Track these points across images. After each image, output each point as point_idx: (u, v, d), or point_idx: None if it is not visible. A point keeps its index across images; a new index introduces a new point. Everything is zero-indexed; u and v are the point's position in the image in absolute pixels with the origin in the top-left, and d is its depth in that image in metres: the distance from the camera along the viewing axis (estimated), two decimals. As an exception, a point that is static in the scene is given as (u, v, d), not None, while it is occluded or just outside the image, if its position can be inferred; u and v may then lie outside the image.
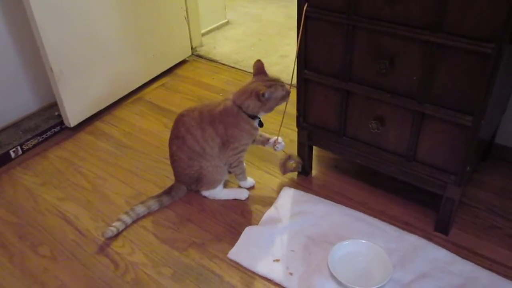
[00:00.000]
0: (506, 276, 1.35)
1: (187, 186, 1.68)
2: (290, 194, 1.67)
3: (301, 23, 1.41)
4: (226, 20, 3.14)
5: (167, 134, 1.64)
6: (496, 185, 1.68)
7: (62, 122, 2.09)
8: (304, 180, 1.76)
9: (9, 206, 1.71)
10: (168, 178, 1.78)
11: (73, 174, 1.85)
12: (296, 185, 1.73)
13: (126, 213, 1.58)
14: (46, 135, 2.06)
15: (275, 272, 1.39)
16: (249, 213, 1.63)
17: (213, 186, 1.64)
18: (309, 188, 1.72)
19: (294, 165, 1.68)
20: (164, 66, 2.54)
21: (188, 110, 1.60)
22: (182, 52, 2.64)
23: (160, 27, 2.42)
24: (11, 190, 1.79)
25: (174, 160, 1.63)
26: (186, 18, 2.57)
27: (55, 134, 2.09)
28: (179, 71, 2.59)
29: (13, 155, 1.95)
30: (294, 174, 1.78)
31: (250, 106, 1.51)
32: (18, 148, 1.96)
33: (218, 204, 1.67)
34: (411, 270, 1.37)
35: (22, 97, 2.13)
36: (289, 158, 1.67)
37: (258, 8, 3.42)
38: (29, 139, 1.99)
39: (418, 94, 1.30)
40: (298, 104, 1.59)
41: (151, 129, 2.10)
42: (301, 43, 1.46)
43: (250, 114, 1.53)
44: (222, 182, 1.67)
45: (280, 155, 1.71)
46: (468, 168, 1.33)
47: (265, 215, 1.60)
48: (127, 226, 1.58)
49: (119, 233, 1.55)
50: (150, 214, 1.63)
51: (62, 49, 1.93)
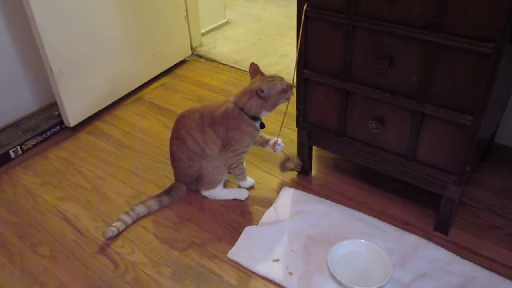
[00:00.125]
0: (505, 275, 1.35)
1: (187, 186, 1.68)
2: (290, 194, 1.67)
3: (301, 23, 1.42)
4: (226, 20, 3.14)
5: (167, 134, 1.64)
6: (496, 185, 1.68)
7: (62, 122, 2.09)
8: (304, 180, 1.76)
9: (9, 206, 1.71)
10: (168, 178, 1.78)
11: (73, 174, 1.85)
12: (296, 185, 1.73)
13: (126, 213, 1.59)
14: (46, 135, 2.06)
15: (275, 272, 1.39)
16: (249, 213, 1.63)
17: (213, 186, 1.64)
18: (309, 188, 1.72)
19: (293, 166, 1.68)
20: (164, 66, 2.54)
21: (188, 111, 1.60)
22: (182, 52, 2.64)
23: (160, 27, 2.41)
24: (11, 190, 1.79)
25: (174, 159, 1.63)
26: (186, 18, 2.57)
27: (55, 134, 2.09)
28: (179, 71, 2.59)
29: (13, 155, 1.95)
30: (294, 174, 1.78)
31: (252, 106, 1.51)
32: (18, 148, 1.96)
33: (218, 204, 1.67)
34: (411, 270, 1.37)
35: (22, 97, 2.13)
36: (288, 159, 1.67)
37: (258, 8, 3.42)
38: (29, 139, 1.99)
39: (418, 94, 1.30)
40: (298, 104, 1.60)
41: (151, 129, 2.10)
42: (301, 43, 1.46)
43: (252, 116, 1.53)
44: (222, 182, 1.67)
45: (280, 155, 1.71)
46: (468, 168, 1.33)
47: (264, 215, 1.60)
48: (128, 226, 1.58)
49: (120, 233, 1.55)
50: (150, 214, 1.63)
51: (62, 49, 1.92)
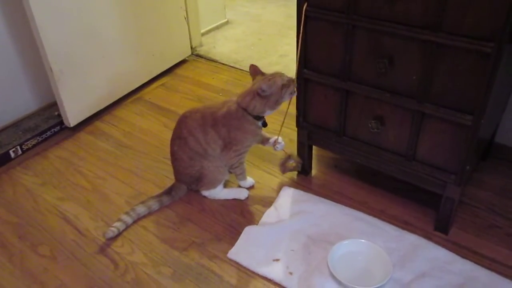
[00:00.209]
0: (505, 275, 1.35)
1: (187, 186, 1.68)
2: (290, 194, 1.67)
3: (300, 23, 1.41)
4: (226, 19, 3.14)
5: (167, 133, 1.64)
6: (496, 184, 1.68)
7: (61, 122, 2.09)
8: (304, 179, 1.76)
9: (9, 206, 1.71)
10: (168, 178, 1.78)
11: (73, 174, 1.85)
12: (296, 184, 1.73)
13: (127, 213, 1.59)
14: (46, 135, 2.06)
15: (275, 271, 1.39)
16: (249, 212, 1.63)
17: (213, 186, 1.64)
18: (309, 187, 1.72)
19: (294, 164, 1.68)
20: (163, 66, 2.54)
21: (190, 111, 1.60)
22: (181, 51, 2.64)
23: (159, 27, 2.41)
24: (11, 190, 1.79)
25: (175, 159, 1.63)
26: (185, 18, 2.57)
27: (55, 134, 2.09)
28: (179, 71, 2.59)
29: (12, 155, 1.95)
30: (294, 173, 1.78)
31: (256, 106, 1.51)
32: (18, 148, 1.96)
33: (218, 203, 1.67)
34: (411, 270, 1.37)
35: (21, 97, 2.13)
36: (289, 157, 1.67)
37: (258, 7, 3.42)
38: (28, 139, 1.99)
39: (418, 93, 1.30)
40: (298, 103, 1.59)
41: (151, 128, 2.10)
42: (301, 43, 1.46)
43: (255, 116, 1.53)
44: (223, 182, 1.67)
45: (280, 155, 1.71)
46: (468, 167, 1.33)
47: (264, 215, 1.60)
48: (128, 226, 1.58)
49: (120, 233, 1.55)
50: (150, 214, 1.63)
51: (62, 48, 1.92)
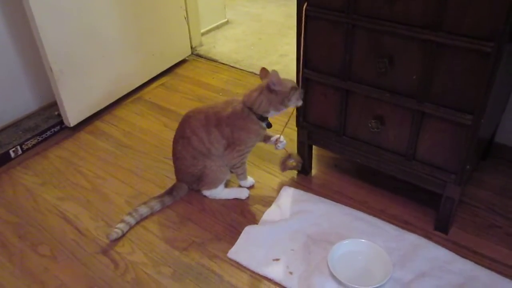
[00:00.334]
0: (505, 275, 1.35)
1: (189, 185, 1.67)
2: (290, 194, 1.67)
3: (301, 23, 1.41)
4: (226, 19, 3.14)
5: (167, 133, 1.64)
6: (496, 184, 1.68)
7: (62, 122, 2.09)
8: (304, 179, 1.76)
9: (9, 206, 1.71)
10: (168, 178, 1.78)
11: (73, 173, 1.85)
12: (296, 184, 1.73)
13: (130, 214, 1.58)
14: (46, 135, 2.06)
15: (275, 271, 1.39)
16: (249, 212, 1.63)
17: (215, 185, 1.64)
18: (309, 187, 1.72)
19: (294, 164, 1.69)
20: (163, 66, 2.54)
21: (194, 111, 1.60)
22: (181, 51, 2.64)
23: (159, 27, 2.41)
24: (11, 190, 1.79)
25: (177, 158, 1.63)
26: (185, 18, 2.57)
27: (55, 133, 2.09)
28: (179, 71, 2.59)
29: (13, 155, 1.95)
30: (294, 173, 1.78)
31: (263, 102, 1.51)
32: (18, 147, 1.96)
33: (218, 203, 1.67)
34: (411, 269, 1.37)
35: (21, 96, 2.13)
36: (289, 156, 1.67)
37: (258, 7, 3.41)
38: (29, 139, 1.99)
39: (417, 93, 1.30)
40: (298, 103, 1.60)
41: (151, 128, 2.10)
42: (301, 43, 1.45)
43: (260, 116, 1.54)
44: (224, 182, 1.67)
45: (280, 154, 1.71)
46: (468, 167, 1.33)
47: (265, 215, 1.60)
48: (131, 227, 1.57)
49: (124, 234, 1.55)
50: (152, 214, 1.63)
51: (62, 48, 1.92)
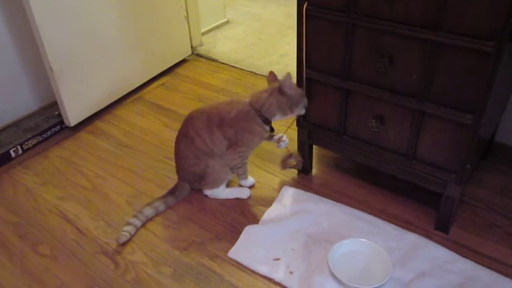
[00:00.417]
0: (506, 274, 1.35)
1: (190, 184, 1.67)
2: (290, 193, 1.67)
3: (301, 22, 1.41)
4: (226, 19, 3.14)
5: (167, 133, 1.64)
6: (496, 183, 1.68)
7: (62, 122, 2.09)
8: (304, 179, 1.76)
9: (9, 206, 1.71)
10: (168, 177, 1.78)
11: (73, 173, 1.85)
12: (296, 184, 1.73)
13: (135, 216, 1.58)
14: (46, 135, 2.06)
15: (275, 271, 1.39)
16: (249, 212, 1.63)
17: (216, 185, 1.64)
18: (309, 187, 1.72)
19: (295, 163, 1.69)
20: (164, 66, 2.54)
21: (197, 111, 1.60)
22: (182, 51, 2.64)
23: (160, 27, 2.41)
24: (11, 190, 1.79)
25: (179, 157, 1.63)
26: (186, 17, 2.57)
27: (55, 133, 2.09)
28: (179, 71, 2.59)
29: (13, 155, 1.95)
30: (294, 173, 1.78)
31: (272, 104, 1.51)
32: (18, 147, 1.96)
33: (218, 203, 1.67)
34: (411, 269, 1.37)
35: (22, 96, 2.13)
36: (290, 156, 1.68)
37: (258, 7, 3.41)
38: (29, 139, 1.99)
39: (418, 92, 1.30)
40: (298, 103, 1.60)
41: (151, 128, 2.10)
42: (302, 43, 1.45)
43: (265, 119, 1.54)
44: (226, 182, 1.67)
45: (282, 152, 1.71)
46: (468, 166, 1.33)
47: (265, 214, 1.60)
48: (138, 230, 1.57)
49: (132, 237, 1.54)
50: (156, 215, 1.62)
51: (62, 48, 1.92)
